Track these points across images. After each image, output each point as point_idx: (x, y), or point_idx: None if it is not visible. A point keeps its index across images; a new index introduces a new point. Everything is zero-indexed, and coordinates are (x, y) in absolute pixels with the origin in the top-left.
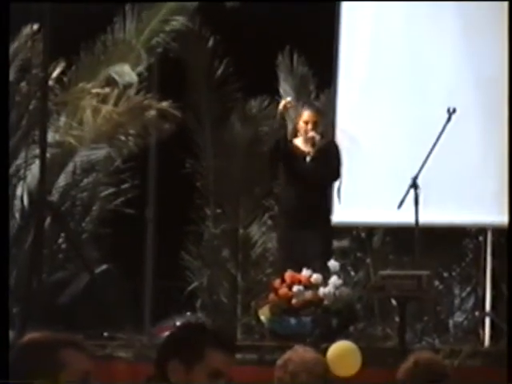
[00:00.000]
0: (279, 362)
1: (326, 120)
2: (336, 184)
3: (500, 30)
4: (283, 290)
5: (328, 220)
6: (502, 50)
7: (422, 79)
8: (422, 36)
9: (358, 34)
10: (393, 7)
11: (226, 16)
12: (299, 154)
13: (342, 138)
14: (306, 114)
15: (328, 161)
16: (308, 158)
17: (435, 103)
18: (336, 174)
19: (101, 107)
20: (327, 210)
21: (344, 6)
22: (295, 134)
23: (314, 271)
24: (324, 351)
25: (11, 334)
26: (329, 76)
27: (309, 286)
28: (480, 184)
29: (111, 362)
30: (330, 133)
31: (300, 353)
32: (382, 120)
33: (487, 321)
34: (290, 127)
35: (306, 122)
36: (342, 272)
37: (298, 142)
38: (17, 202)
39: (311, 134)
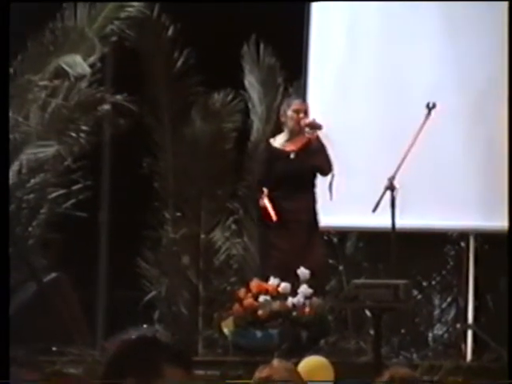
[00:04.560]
0: (257, 378)
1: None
2: (326, 179)
3: (481, 27)
4: (248, 301)
5: (315, 222)
6: (483, 46)
7: (400, 74)
8: (399, 28)
9: (331, 23)
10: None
11: (187, 3)
12: (281, 153)
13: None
14: (296, 103)
15: (315, 154)
16: (292, 155)
17: (413, 100)
18: (327, 166)
19: (50, 101)
20: (314, 211)
21: None
22: (274, 132)
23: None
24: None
25: None
26: (298, 68)
27: (276, 295)
28: (462, 186)
29: (60, 378)
30: None
31: (281, 372)
32: (356, 116)
33: (469, 334)
34: (255, 126)
35: (297, 111)
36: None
37: (279, 140)
38: None
39: (308, 119)
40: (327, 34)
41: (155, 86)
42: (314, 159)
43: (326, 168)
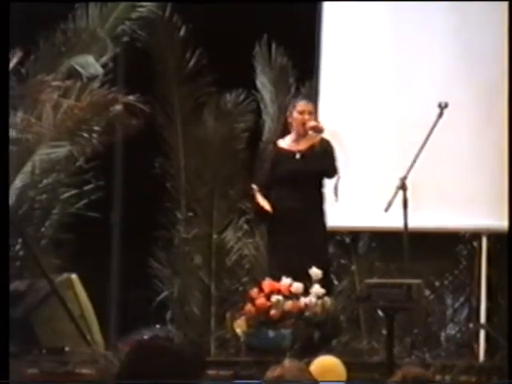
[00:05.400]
0: (269, 377)
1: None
2: (332, 181)
3: (492, 23)
4: (261, 301)
5: (322, 223)
6: (495, 43)
7: (411, 73)
8: (410, 27)
9: (342, 22)
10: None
11: (199, 3)
12: (287, 153)
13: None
14: (301, 104)
15: (321, 157)
16: (298, 155)
17: (425, 98)
18: (332, 169)
19: (62, 101)
20: (321, 211)
21: None
22: (284, 133)
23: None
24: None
25: None
26: (310, 68)
27: (289, 295)
28: (474, 185)
29: (73, 379)
30: None
31: (293, 371)
32: (368, 116)
33: (482, 333)
34: (267, 126)
35: (302, 112)
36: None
37: (287, 141)
38: None
39: (312, 122)
40: (339, 33)
41: (167, 87)
42: (318, 161)
43: (330, 171)
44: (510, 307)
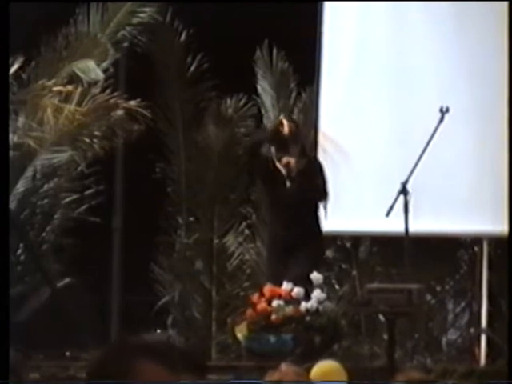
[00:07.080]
0: (268, 382)
1: (304, 133)
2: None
3: (493, 26)
4: (262, 305)
5: (317, 238)
6: (496, 47)
7: (411, 78)
8: (411, 32)
9: (343, 28)
10: (380, 2)
11: (200, 8)
12: (278, 177)
13: (324, 142)
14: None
15: (311, 182)
16: (288, 183)
17: (425, 103)
18: (323, 194)
19: (63, 106)
20: (316, 227)
21: None
22: None
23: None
24: (306, 371)
25: None
26: (311, 73)
27: (289, 300)
28: (475, 190)
29: None
30: (309, 144)
31: (291, 376)
32: (368, 121)
33: (483, 338)
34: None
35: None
36: (326, 285)
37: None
38: None
39: (285, 159)
40: (340, 38)
41: (168, 92)
42: (307, 186)
43: (320, 196)
44: (510, 311)
